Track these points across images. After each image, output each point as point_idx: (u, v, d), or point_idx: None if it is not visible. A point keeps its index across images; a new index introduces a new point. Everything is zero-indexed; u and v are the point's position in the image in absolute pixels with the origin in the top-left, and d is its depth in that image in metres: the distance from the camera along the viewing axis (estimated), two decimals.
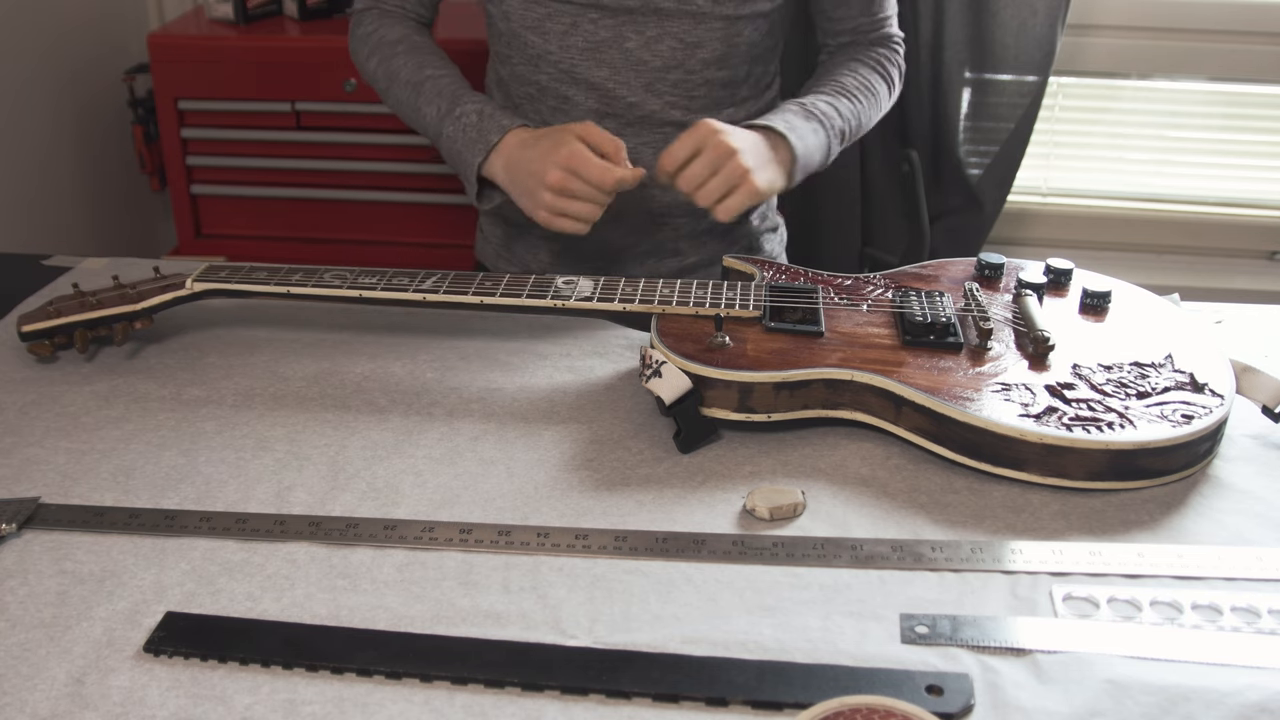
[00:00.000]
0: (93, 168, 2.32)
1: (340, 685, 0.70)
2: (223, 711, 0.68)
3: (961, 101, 2.04)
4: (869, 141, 2.11)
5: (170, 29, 2.17)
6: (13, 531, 0.83)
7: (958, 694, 0.68)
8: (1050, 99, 2.12)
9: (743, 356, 0.93)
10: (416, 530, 0.83)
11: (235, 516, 0.85)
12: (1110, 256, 2.29)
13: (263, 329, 1.13)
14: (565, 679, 0.69)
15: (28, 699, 0.69)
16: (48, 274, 1.24)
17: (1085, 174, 2.30)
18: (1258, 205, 2.26)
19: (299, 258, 2.09)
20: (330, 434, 0.96)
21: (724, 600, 0.76)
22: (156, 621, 0.74)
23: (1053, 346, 0.95)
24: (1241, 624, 0.73)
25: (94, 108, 2.30)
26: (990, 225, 2.12)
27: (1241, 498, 0.87)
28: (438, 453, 0.93)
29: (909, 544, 0.81)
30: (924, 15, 1.96)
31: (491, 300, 1.02)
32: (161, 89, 2.09)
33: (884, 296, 1.03)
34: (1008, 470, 0.88)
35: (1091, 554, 0.80)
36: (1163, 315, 1.03)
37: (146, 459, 0.92)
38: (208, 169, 2.15)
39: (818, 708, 0.61)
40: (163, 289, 1.07)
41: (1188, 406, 0.89)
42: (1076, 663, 0.70)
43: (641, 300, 1.00)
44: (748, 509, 0.85)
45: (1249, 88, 2.18)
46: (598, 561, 0.80)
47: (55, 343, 1.06)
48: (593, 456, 0.92)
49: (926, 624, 0.73)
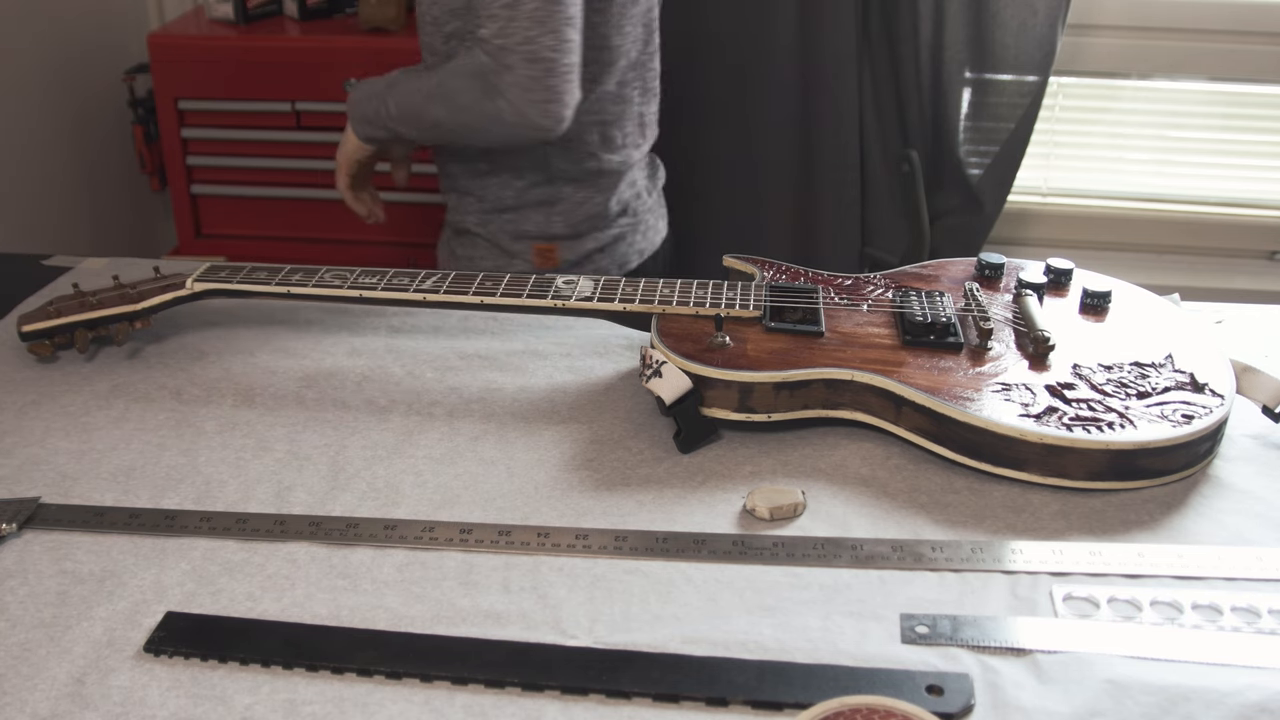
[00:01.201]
0: (93, 168, 2.32)
1: (340, 685, 0.70)
2: (223, 711, 0.68)
3: (961, 101, 2.04)
4: (869, 141, 2.12)
5: (170, 29, 2.17)
6: (13, 531, 0.83)
7: (958, 694, 0.68)
8: (1050, 99, 2.12)
9: (743, 356, 0.93)
10: (417, 530, 0.83)
11: (235, 516, 0.85)
12: (1110, 256, 2.29)
13: (263, 329, 1.13)
14: (565, 679, 0.69)
15: (28, 699, 0.69)
16: (48, 274, 1.24)
17: (1085, 174, 2.30)
18: (1258, 205, 2.26)
19: (299, 258, 2.08)
20: (330, 434, 0.96)
21: (724, 600, 0.76)
22: (156, 621, 0.74)
23: (1053, 346, 0.95)
24: (1241, 624, 0.73)
25: (94, 108, 2.30)
26: (990, 225, 2.12)
27: (1241, 498, 0.87)
28: (438, 453, 0.93)
29: (909, 544, 0.81)
30: (924, 15, 1.96)
31: (491, 300, 1.02)
32: (161, 89, 2.09)
33: (884, 296, 1.03)
34: (1008, 470, 0.88)
35: (1091, 554, 0.80)
36: (1163, 315, 1.03)
37: (146, 459, 0.92)
38: (208, 169, 2.15)
39: (818, 708, 0.61)
40: (163, 289, 1.07)
41: (1188, 406, 0.89)
42: (1076, 663, 0.70)
43: (641, 300, 1.00)
44: (748, 509, 0.85)
45: (1249, 88, 2.18)
46: (598, 561, 0.80)
47: (55, 343, 1.06)
48: (593, 456, 0.92)
49: (926, 624, 0.73)
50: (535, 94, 1.23)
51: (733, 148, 2.16)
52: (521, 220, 1.41)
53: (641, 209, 1.46)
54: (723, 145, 2.16)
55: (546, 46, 1.21)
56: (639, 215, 1.46)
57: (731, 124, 2.15)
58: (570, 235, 1.41)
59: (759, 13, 2.03)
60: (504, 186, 1.41)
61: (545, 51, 1.21)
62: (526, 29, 1.21)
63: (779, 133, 2.12)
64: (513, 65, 1.22)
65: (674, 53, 1.77)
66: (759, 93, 2.10)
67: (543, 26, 1.21)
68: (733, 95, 2.12)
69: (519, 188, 1.40)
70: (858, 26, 2.01)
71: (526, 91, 1.22)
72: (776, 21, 2.03)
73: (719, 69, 2.10)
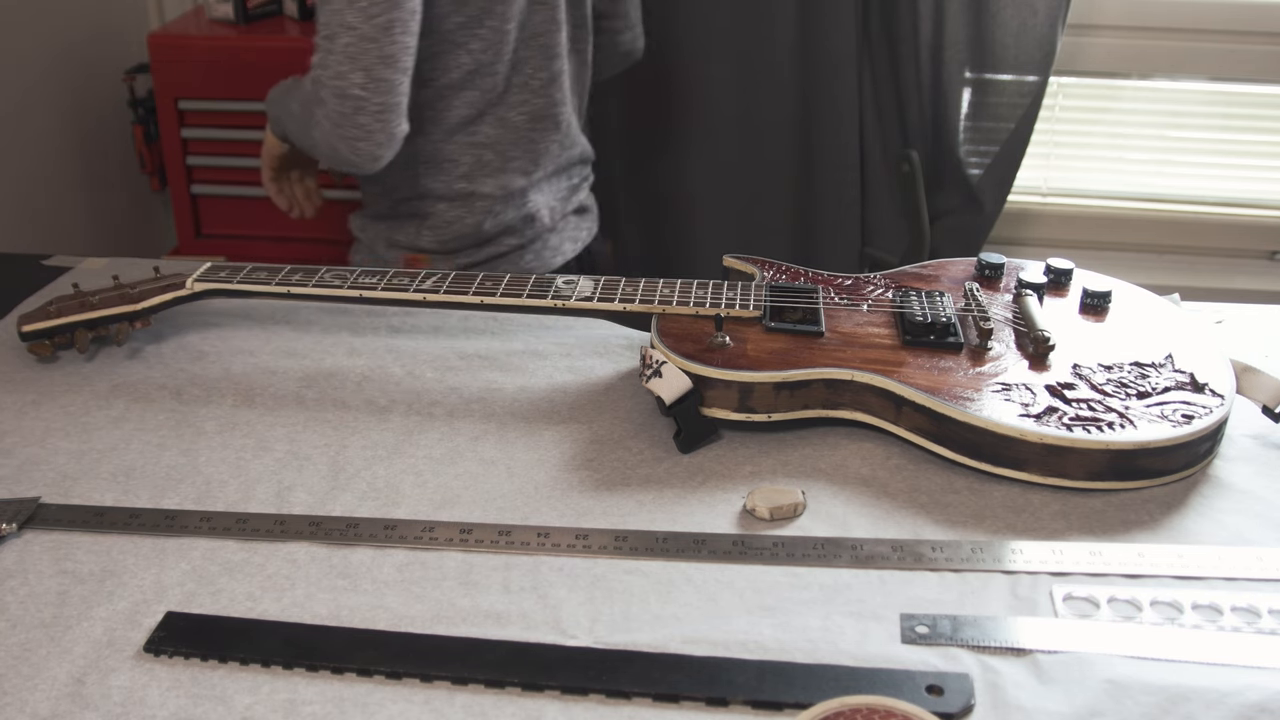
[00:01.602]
0: (93, 168, 2.32)
1: (340, 685, 0.70)
2: (223, 711, 0.68)
3: (961, 101, 2.04)
4: (869, 141, 2.11)
5: (170, 29, 2.17)
6: (13, 531, 0.83)
7: (958, 694, 0.68)
8: (1050, 99, 2.12)
9: (743, 356, 0.93)
10: (417, 530, 0.83)
11: (235, 516, 0.85)
12: (1110, 256, 2.29)
13: (263, 329, 1.13)
14: (565, 679, 0.69)
15: (28, 699, 0.69)
16: (48, 274, 1.24)
17: (1085, 174, 2.30)
18: (1258, 205, 2.26)
19: (299, 258, 2.08)
20: (330, 434, 0.96)
21: (724, 600, 0.76)
22: (156, 621, 0.74)
23: (1053, 346, 0.95)
24: (1241, 624, 0.73)
25: (94, 108, 2.30)
26: (990, 225, 2.12)
27: (1241, 498, 0.87)
28: (438, 453, 0.93)
29: (909, 544, 0.81)
30: (924, 15, 1.96)
31: (491, 300, 1.02)
32: (161, 89, 2.09)
33: (884, 296, 1.03)
34: (1008, 470, 0.88)
35: (1092, 554, 0.80)
36: (1163, 315, 1.03)
37: (146, 459, 0.92)
38: (208, 169, 2.15)
39: (818, 708, 0.61)
40: (163, 289, 1.07)
41: (1188, 406, 0.89)
42: (1076, 663, 0.70)
43: (641, 300, 1.00)
44: (748, 509, 0.85)
45: (1249, 88, 2.18)
46: (598, 561, 0.80)
47: (55, 343, 1.06)
48: (593, 456, 0.92)
49: (927, 624, 0.73)
50: (344, 130, 1.22)
51: (733, 147, 2.16)
52: (394, 230, 1.42)
53: (536, 232, 1.44)
54: (722, 145, 2.16)
55: (356, 84, 1.19)
56: (533, 238, 1.44)
57: (731, 124, 2.15)
58: (440, 251, 1.41)
59: (759, 12, 2.03)
60: (383, 195, 1.42)
61: (354, 89, 1.19)
62: (339, 64, 1.19)
63: (779, 133, 2.12)
64: (325, 99, 1.22)
65: (674, 52, 1.78)
66: (759, 93, 2.10)
67: (354, 64, 1.19)
68: (733, 95, 2.12)
69: (394, 199, 1.41)
70: (858, 26, 2.01)
71: (336, 127, 1.22)
72: (776, 21, 2.03)
73: (719, 69, 2.10)
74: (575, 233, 1.51)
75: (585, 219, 1.55)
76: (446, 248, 1.40)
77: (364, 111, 1.20)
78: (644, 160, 2.22)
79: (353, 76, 1.19)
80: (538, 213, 1.42)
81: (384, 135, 1.23)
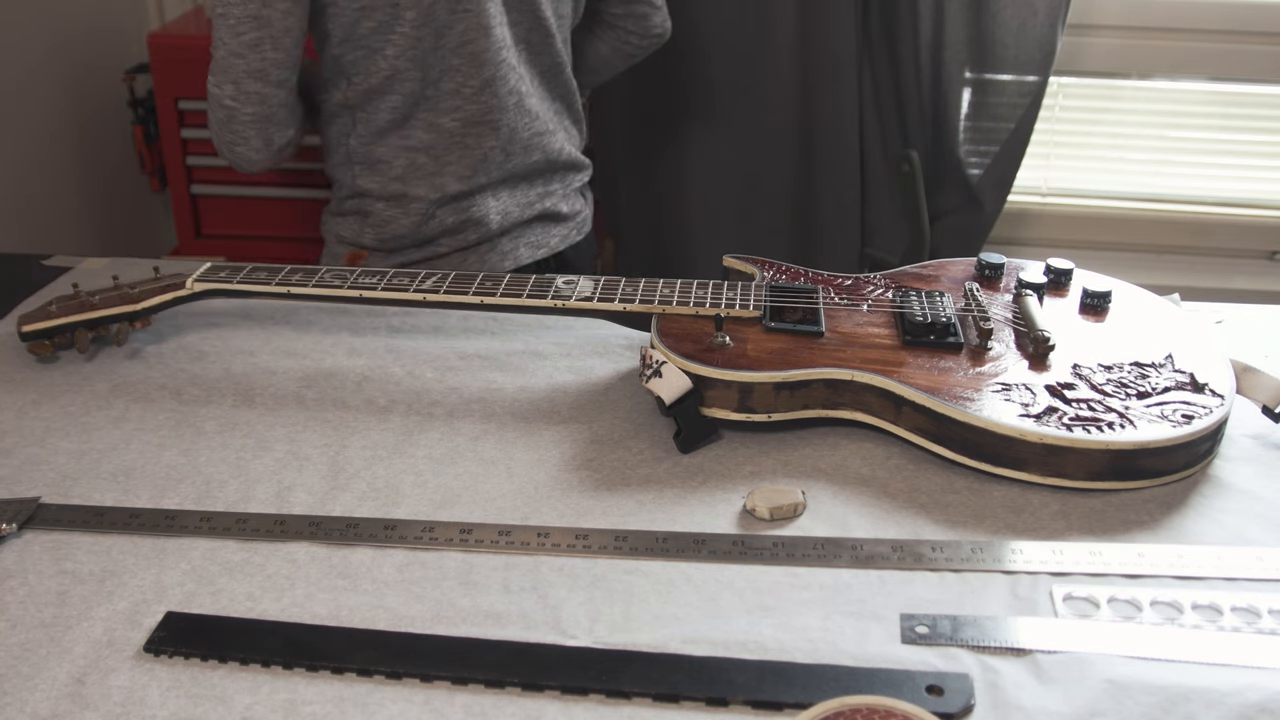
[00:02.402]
0: (93, 168, 2.32)
1: (340, 685, 0.70)
2: (223, 711, 0.68)
3: (961, 101, 2.04)
4: (869, 141, 2.11)
5: (170, 29, 2.16)
6: (13, 531, 0.83)
7: (958, 694, 0.68)
8: (1050, 99, 2.12)
9: (743, 356, 0.93)
10: (417, 530, 0.83)
11: (235, 516, 0.85)
12: (1110, 256, 2.29)
13: (263, 329, 1.13)
14: (565, 679, 0.69)
15: (28, 699, 0.69)
16: (48, 274, 1.24)
17: (1085, 174, 2.30)
18: (1258, 205, 2.26)
19: (299, 258, 2.08)
20: (330, 434, 0.96)
21: (724, 600, 0.76)
22: (156, 621, 0.74)
23: (1053, 346, 0.95)
24: (1241, 624, 0.73)
25: (94, 108, 2.30)
26: (990, 225, 2.12)
27: (1241, 498, 0.87)
28: (438, 453, 0.93)
29: (909, 544, 0.81)
30: (924, 15, 1.96)
31: (491, 300, 1.02)
32: (161, 89, 2.08)
33: (884, 296, 1.03)
34: (1008, 470, 0.88)
35: (1091, 554, 0.80)
36: (1163, 315, 1.03)
37: (146, 459, 0.92)
38: (208, 169, 2.15)
39: (818, 708, 0.61)
40: (163, 289, 1.07)
41: (1188, 406, 0.89)
42: (1076, 663, 0.70)
43: (641, 300, 1.00)
44: (748, 509, 0.85)
45: (1249, 88, 2.18)
46: (598, 561, 0.80)
47: (55, 343, 1.06)
48: (593, 456, 0.92)
49: (927, 624, 0.73)
50: (222, 136, 1.32)
51: (733, 147, 2.16)
52: (341, 227, 1.46)
53: (482, 235, 1.43)
54: (723, 145, 2.16)
55: (227, 95, 1.28)
56: (477, 241, 1.43)
57: (731, 123, 2.15)
58: (381, 249, 1.43)
59: (759, 12, 2.03)
60: (334, 193, 1.47)
61: (226, 100, 1.29)
62: (214, 74, 1.29)
63: (779, 133, 2.12)
64: (210, 106, 1.31)
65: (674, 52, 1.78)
66: (759, 93, 2.10)
67: (223, 76, 1.28)
68: (733, 95, 2.12)
69: (340, 197, 1.46)
70: (858, 26, 2.01)
71: (216, 133, 1.33)
72: (776, 21, 2.03)
73: (719, 68, 2.10)
74: (539, 238, 1.49)
75: (559, 226, 1.51)
76: (386, 246, 1.43)
77: (236, 120, 1.30)
78: (644, 160, 2.22)
79: (225, 88, 1.29)
80: (485, 217, 1.42)
81: (260, 141, 1.32)
